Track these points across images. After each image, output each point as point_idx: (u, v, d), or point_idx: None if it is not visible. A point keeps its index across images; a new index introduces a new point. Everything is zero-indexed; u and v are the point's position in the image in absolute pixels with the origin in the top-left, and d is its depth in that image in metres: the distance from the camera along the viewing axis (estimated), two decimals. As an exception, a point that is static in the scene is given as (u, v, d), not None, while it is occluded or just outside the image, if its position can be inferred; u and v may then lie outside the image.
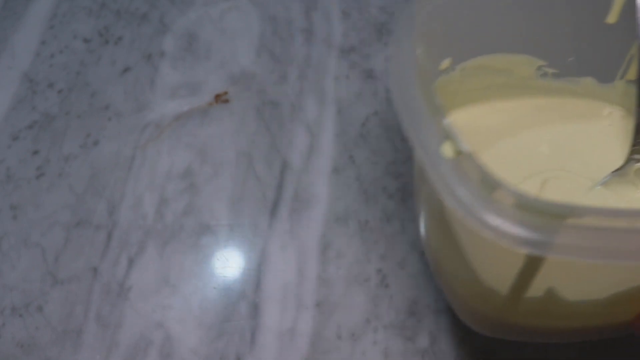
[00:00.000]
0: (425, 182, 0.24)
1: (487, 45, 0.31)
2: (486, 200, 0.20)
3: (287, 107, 0.42)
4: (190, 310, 0.35)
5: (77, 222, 0.38)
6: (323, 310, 0.35)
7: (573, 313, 0.26)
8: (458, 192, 0.20)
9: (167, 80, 0.44)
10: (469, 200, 0.20)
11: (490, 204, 0.20)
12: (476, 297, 0.27)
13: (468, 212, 0.20)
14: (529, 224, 0.19)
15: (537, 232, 0.19)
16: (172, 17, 0.47)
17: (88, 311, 0.35)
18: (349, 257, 0.36)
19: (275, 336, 0.34)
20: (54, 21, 0.47)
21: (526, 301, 0.25)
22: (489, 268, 0.25)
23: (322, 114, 0.42)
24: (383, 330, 0.34)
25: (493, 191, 0.20)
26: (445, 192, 0.20)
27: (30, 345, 0.34)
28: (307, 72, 0.44)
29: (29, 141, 0.42)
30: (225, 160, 0.40)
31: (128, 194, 0.39)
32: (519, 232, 0.19)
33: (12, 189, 0.40)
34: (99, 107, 0.43)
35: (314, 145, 0.40)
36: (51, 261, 0.37)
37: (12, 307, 0.35)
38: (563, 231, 0.19)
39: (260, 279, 0.36)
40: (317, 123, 0.41)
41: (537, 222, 0.19)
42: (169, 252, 0.37)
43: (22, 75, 0.45)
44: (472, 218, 0.20)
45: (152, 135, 0.41)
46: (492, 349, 0.33)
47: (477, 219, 0.20)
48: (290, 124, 0.41)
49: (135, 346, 0.34)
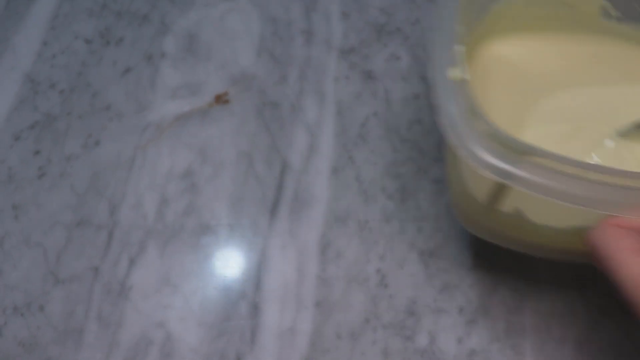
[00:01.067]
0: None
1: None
2: (468, 125, 0.24)
3: (287, 107, 0.42)
4: (190, 309, 0.35)
5: (78, 222, 0.38)
6: (323, 310, 0.35)
7: (540, 234, 0.28)
8: (449, 110, 0.25)
9: (167, 80, 0.44)
10: (454, 120, 0.24)
11: (470, 129, 0.24)
12: (464, 202, 0.31)
13: (451, 129, 0.24)
14: (494, 153, 0.23)
15: (499, 161, 0.23)
16: (173, 18, 0.47)
17: (89, 311, 0.35)
18: (348, 257, 0.36)
19: (275, 335, 0.34)
20: (56, 22, 0.48)
21: (500, 213, 0.28)
22: (471, 179, 0.29)
23: (322, 115, 0.42)
24: (382, 329, 0.34)
25: (476, 119, 0.24)
26: (440, 107, 0.25)
27: (31, 345, 0.34)
28: (307, 72, 0.44)
29: (31, 141, 0.42)
30: (226, 160, 0.40)
31: (129, 194, 0.39)
32: (486, 158, 0.24)
33: (13, 189, 0.40)
34: (100, 107, 0.43)
35: (313, 145, 0.41)
36: (52, 261, 0.37)
37: (14, 306, 0.36)
38: (521, 166, 0.23)
39: (260, 278, 0.36)
40: (317, 123, 0.41)
41: (502, 153, 0.23)
42: (169, 252, 0.37)
43: (23, 76, 0.45)
44: (453, 135, 0.24)
45: (153, 135, 0.42)
46: (491, 348, 0.33)
47: (456, 137, 0.24)
48: (290, 124, 0.42)
49: (136, 345, 0.34)
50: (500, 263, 0.36)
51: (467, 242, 0.36)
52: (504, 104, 0.32)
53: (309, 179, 0.39)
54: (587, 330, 0.33)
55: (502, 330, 0.34)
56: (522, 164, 0.23)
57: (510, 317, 0.34)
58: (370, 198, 0.38)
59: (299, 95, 0.43)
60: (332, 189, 0.39)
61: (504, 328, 0.34)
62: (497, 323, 0.34)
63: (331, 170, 0.40)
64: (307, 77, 0.44)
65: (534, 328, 0.34)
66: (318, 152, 0.40)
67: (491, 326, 0.34)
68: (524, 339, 0.33)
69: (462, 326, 0.34)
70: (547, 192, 0.23)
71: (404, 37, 0.45)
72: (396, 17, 0.46)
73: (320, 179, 0.39)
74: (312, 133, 0.41)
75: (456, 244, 0.36)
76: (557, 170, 0.23)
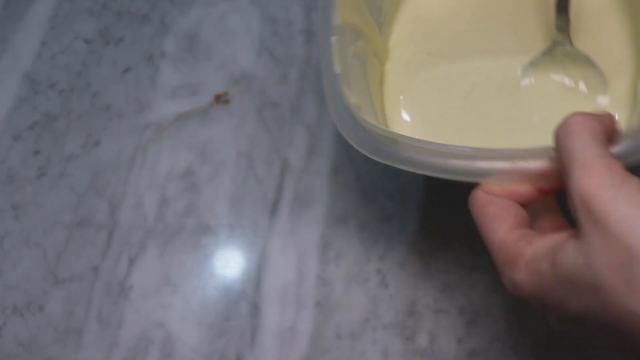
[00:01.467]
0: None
1: None
2: (348, 106, 0.29)
3: (287, 107, 0.42)
4: (190, 309, 0.35)
5: (78, 222, 0.38)
6: (323, 310, 0.35)
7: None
8: (333, 105, 0.29)
9: (167, 80, 0.44)
10: (338, 114, 0.29)
11: (349, 111, 0.28)
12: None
13: (337, 123, 0.29)
14: (370, 144, 0.28)
15: (375, 153, 0.28)
16: (173, 18, 0.47)
17: (89, 311, 0.35)
18: (348, 257, 0.36)
19: (275, 335, 0.34)
20: (55, 22, 0.48)
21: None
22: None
23: (322, 114, 0.42)
24: (382, 329, 0.34)
25: (354, 112, 0.28)
26: (327, 101, 0.29)
27: (31, 345, 0.34)
28: (307, 72, 0.44)
29: (31, 141, 0.42)
30: (226, 160, 0.40)
31: (129, 194, 0.39)
32: (349, 136, 0.28)
33: (13, 189, 0.40)
34: (100, 107, 0.43)
35: (313, 145, 0.41)
36: (52, 261, 0.37)
37: (14, 306, 0.36)
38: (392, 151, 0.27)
39: (260, 278, 0.36)
40: (317, 123, 0.41)
41: (376, 143, 0.28)
42: (169, 252, 0.37)
43: (23, 76, 0.45)
44: (340, 127, 0.29)
45: (153, 135, 0.41)
46: (491, 348, 0.33)
47: (343, 129, 0.29)
48: (290, 124, 0.42)
49: (136, 345, 0.34)
50: (501, 263, 0.35)
51: (468, 242, 0.36)
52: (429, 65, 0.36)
53: (309, 179, 0.39)
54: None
55: (503, 330, 0.34)
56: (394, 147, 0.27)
57: (510, 317, 0.34)
58: (370, 198, 0.38)
59: (299, 95, 0.43)
60: (332, 188, 0.39)
61: (504, 328, 0.34)
62: (498, 323, 0.34)
63: (331, 170, 0.40)
64: (307, 77, 0.44)
65: (535, 328, 0.34)
66: (318, 152, 0.40)
67: (492, 326, 0.34)
68: (525, 339, 0.33)
69: (463, 326, 0.34)
70: (416, 168, 0.26)
71: (404, 37, 0.45)
72: (396, 17, 0.46)
73: (320, 178, 0.39)
74: (312, 133, 0.41)
75: (456, 244, 0.36)
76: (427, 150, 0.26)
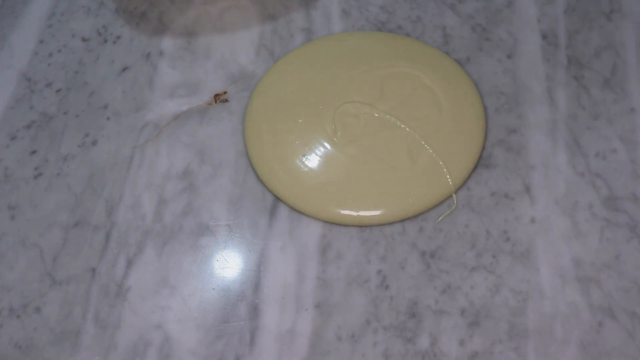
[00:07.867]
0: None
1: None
2: None
3: (287, 106, 0.42)
4: (189, 311, 0.35)
5: (76, 222, 0.38)
6: (323, 312, 0.34)
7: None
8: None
9: (166, 79, 0.44)
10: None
11: None
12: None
13: None
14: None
15: None
16: (171, 16, 0.47)
17: (86, 312, 0.35)
18: (348, 258, 0.36)
19: (274, 337, 0.34)
20: (52, 20, 0.47)
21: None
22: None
23: (322, 114, 0.41)
24: (383, 331, 0.34)
25: None
26: None
27: (28, 347, 0.34)
28: (306, 71, 0.43)
29: (27, 141, 0.41)
30: (225, 160, 0.40)
31: (127, 194, 0.39)
32: None
33: (10, 189, 0.39)
34: (97, 106, 0.43)
35: (313, 145, 0.40)
36: (49, 262, 0.37)
37: (10, 308, 0.35)
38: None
39: (259, 279, 0.36)
40: (316, 123, 0.41)
41: None
42: (167, 252, 0.37)
43: (20, 75, 0.45)
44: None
45: (151, 135, 0.41)
46: (493, 350, 0.33)
47: None
48: (289, 123, 0.41)
49: (134, 347, 0.34)
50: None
51: (468, 243, 0.36)
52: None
53: (308, 179, 0.39)
54: (591, 332, 0.33)
55: (505, 332, 0.33)
56: None
57: (512, 319, 0.34)
58: (370, 198, 0.38)
59: (299, 94, 0.42)
60: (332, 189, 0.38)
61: (506, 330, 0.33)
62: (500, 325, 0.34)
63: (331, 170, 0.39)
64: (306, 75, 0.43)
65: (537, 330, 0.33)
66: (318, 152, 0.40)
67: (493, 328, 0.34)
68: (527, 340, 0.33)
69: (464, 328, 0.34)
70: None
71: (404, 34, 0.44)
72: (397, 15, 0.45)
73: (320, 178, 0.39)
74: (312, 132, 0.41)
75: (457, 245, 0.36)
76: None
